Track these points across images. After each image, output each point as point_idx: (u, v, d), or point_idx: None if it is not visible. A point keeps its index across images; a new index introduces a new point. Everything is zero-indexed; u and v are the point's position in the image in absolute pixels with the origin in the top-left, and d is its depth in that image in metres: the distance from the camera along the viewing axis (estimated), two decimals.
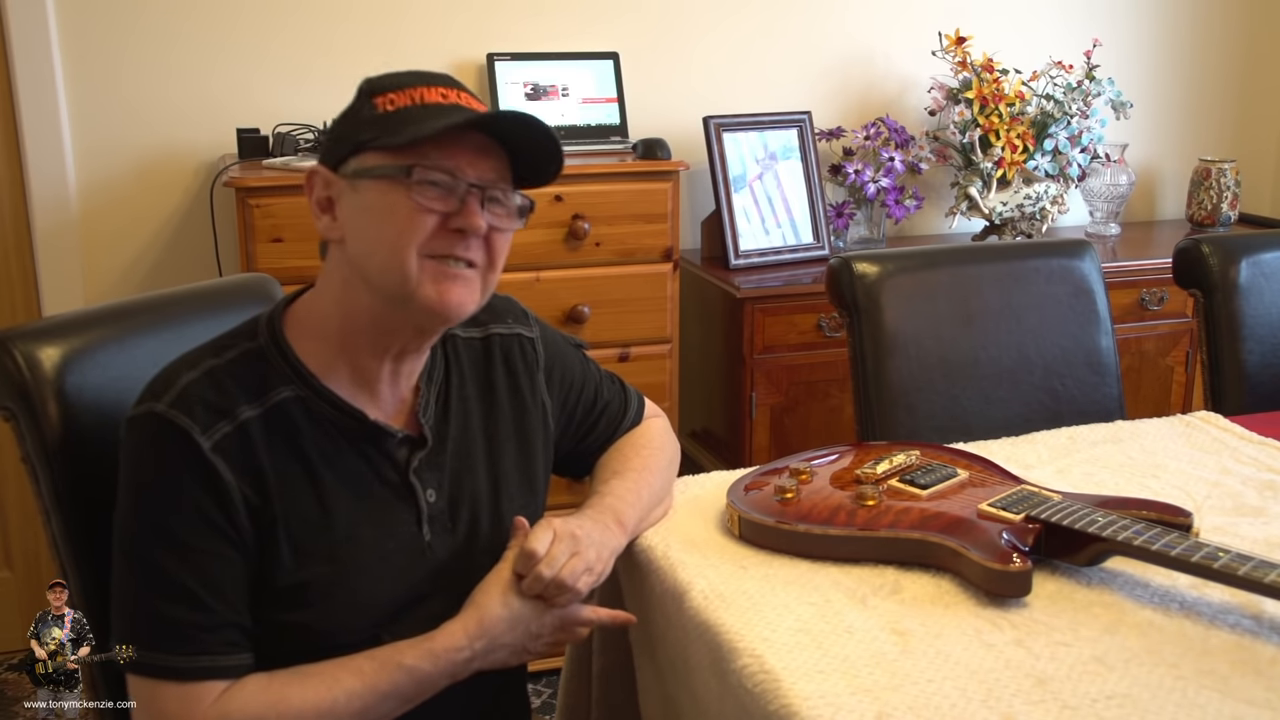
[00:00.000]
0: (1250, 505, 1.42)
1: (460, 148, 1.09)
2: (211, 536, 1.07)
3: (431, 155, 1.08)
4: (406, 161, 1.07)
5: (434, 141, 1.08)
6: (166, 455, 1.06)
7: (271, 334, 1.15)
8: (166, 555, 1.06)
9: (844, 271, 1.81)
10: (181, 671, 1.05)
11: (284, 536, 1.10)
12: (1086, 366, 1.93)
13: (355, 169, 1.10)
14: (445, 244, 1.09)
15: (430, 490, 1.18)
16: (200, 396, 1.08)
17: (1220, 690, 1.01)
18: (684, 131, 2.71)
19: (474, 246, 1.11)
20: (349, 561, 1.13)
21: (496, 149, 1.12)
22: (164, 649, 1.06)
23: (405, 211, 1.08)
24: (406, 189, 1.07)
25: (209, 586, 1.06)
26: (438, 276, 1.09)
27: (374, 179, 1.09)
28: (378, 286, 1.11)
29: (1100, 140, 2.94)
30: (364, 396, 1.16)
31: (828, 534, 1.25)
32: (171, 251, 2.55)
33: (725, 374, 2.65)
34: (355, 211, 1.11)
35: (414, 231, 1.08)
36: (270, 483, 1.09)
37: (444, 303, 1.10)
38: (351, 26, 2.56)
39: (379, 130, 1.09)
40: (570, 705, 1.45)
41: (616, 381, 1.43)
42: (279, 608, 1.10)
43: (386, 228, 1.09)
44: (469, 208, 1.09)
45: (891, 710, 0.99)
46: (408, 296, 1.09)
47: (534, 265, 2.35)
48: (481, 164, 1.10)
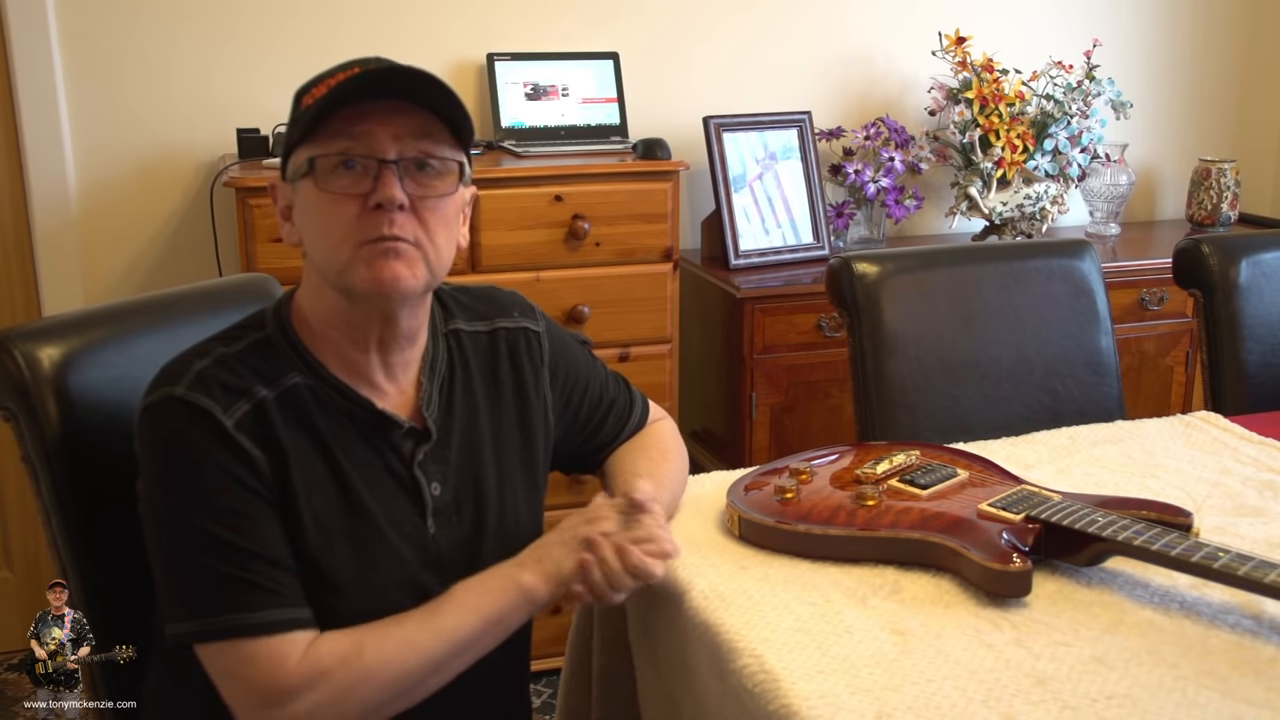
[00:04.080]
0: (1250, 505, 1.42)
1: (369, 121, 1.08)
2: (251, 500, 1.07)
3: (339, 140, 1.07)
4: (313, 153, 1.08)
5: (342, 123, 1.07)
6: (193, 434, 1.06)
7: (279, 324, 1.16)
8: (214, 524, 1.05)
9: (844, 271, 1.81)
10: (268, 625, 1.05)
11: (309, 512, 1.10)
12: (1086, 366, 1.93)
13: (290, 173, 1.12)
14: (371, 226, 1.08)
15: (435, 483, 1.19)
16: (217, 379, 1.09)
17: (1220, 690, 1.01)
18: (684, 131, 2.71)
19: (399, 221, 1.09)
20: (370, 543, 1.13)
21: (412, 108, 1.10)
22: (242, 609, 1.04)
23: (326, 203, 1.09)
24: (316, 181, 1.08)
25: (265, 544, 1.06)
26: (370, 258, 1.09)
27: (302, 178, 1.10)
28: (331, 283, 1.12)
29: (1100, 140, 2.94)
30: (365, 388, 1.17)
31: (828, 534, 1.25)
32: (171, 251, 2.55)
33: (725, 374, 2.65)
34: (300, 214, 1.13)
35: (337, 221, 1.08)
36: (292, 458, 1.09)
37: (378, 280, 1.09)
38: (351, 27, 2.56)
39: (298, 128, 1.10)
40: (570, 705, 1.45)
41: (621, 381, 1.43)
42: (308, 586, 1.10)
43: (316, 223, 1.10)
44: (382, 181, 1.08)
45: (891, 710, 0.99)
46: (348, 286, 1.10)
47: (534, 265, 2.35)
48: (397, 127, 1.08)
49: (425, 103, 1.10)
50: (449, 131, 1.12)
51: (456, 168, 1.13)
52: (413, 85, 1.09)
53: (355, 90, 1.07)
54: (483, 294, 1.31)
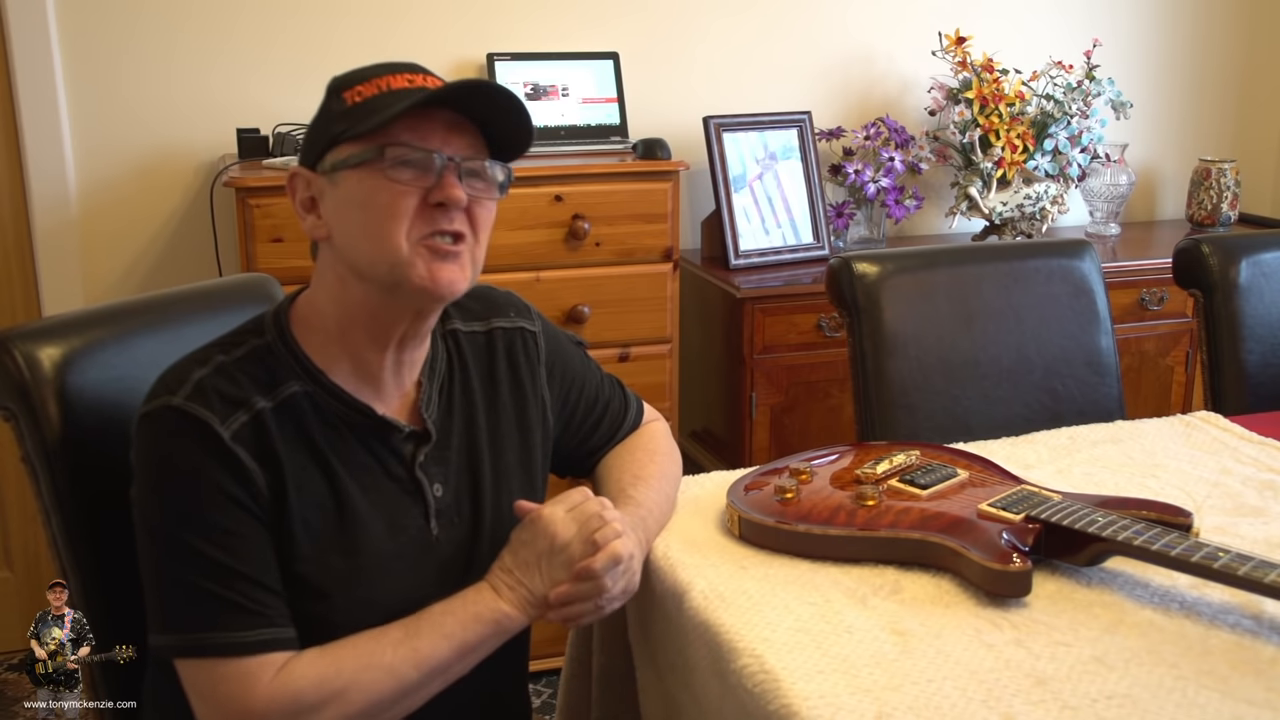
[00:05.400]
0: (1250, 505, 1.42)
1: (430, 127, 1.10)
2: (243, 517, 1.07)
3: (403, 138, 1.08)
4: (378, 144, 1.08)
5: (404, 124, 1.08)
6: (188, 446, 1.06)
7: (278, 330, 1.15)
8: (204, 541, 1.05)
9: (844, 271, 1.81)
10: (243, 645, 1.05)
11: (302, 526, 1.10)
12: (1086, 366, 1.93)
13: (332, 163, 1.11)
14: (429, 221, 1.09)
15: (437, 485, 1.19)
16: (215, 389, 1.09)
17: (1220, 690, 1.01)
18: (684, 131, 2.71)
19: (458, 219, 1.11)
20: (364, 554, 1.13)
21: (467, 125, 1.12)
22: (220, 628, 1.05)
23: (385, 195, 1.08)
24: (382, 171, 1.08)
25: (251, 564, 1.06)
26: (427, 257, 1.10)
27: (350, 169, 1.10)
28: (369, 276, 1.11)
29: (1100, 140, 2.94)
30: (368, 391, 1.16)
31: (828, 534, 1.25)
32: (171, 251, 2.55)
33: (725, 374, 2.65)
34: (337, 205, 1.12)
35: (396, 213, 1.08)
36: (288, 471, 1.09)
37: (436, 281, 1.10)
38: (351, 26, 2.56)
39: (349, 122, 1.10)
40: (570, 705, 1.45)
41: (616, 383, 1.44)
42: (298, 596, 1.10)
43: (369, 215, 1.09)
44: (446, 180, 1.09)
45: (891, 710, 0.99)
46: (399, 281, 1.10)
47: (534, 265, 2.35)
48: (454, 141, 1.11)
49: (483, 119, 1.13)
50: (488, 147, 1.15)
51: (506, 179, 1.16)
52: (491, 103, 1.11)
53: (444, 99, 1.09)
54: (478, 294, 1.31)
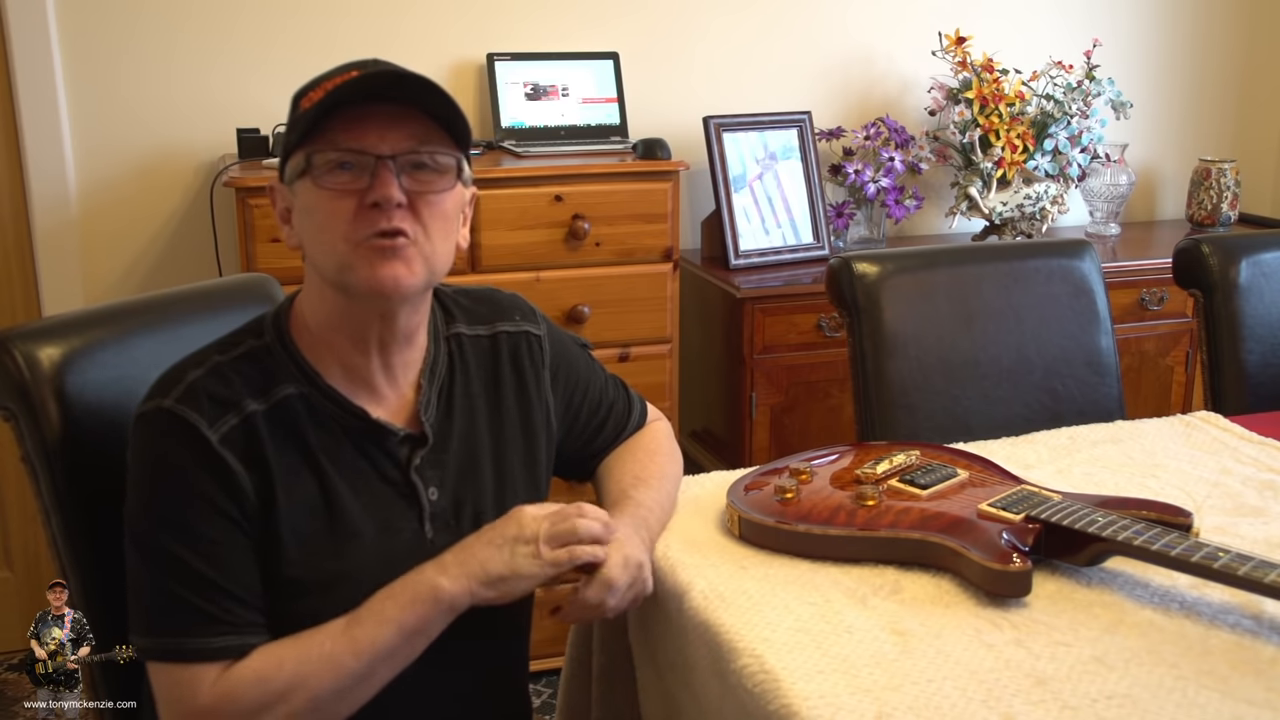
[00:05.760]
0: (1250, 505, 1.42)
1: (367, 125, 1.08)
2: (224, 525, 1.07)
3: (339, 140, 1.08)
4: (306, 152, 1.09)
5: (340, 125, 1.08)
6: (175, 449, 1.07)
7: (277, 332, 1.16)
8: (184, 549, 1.06)
9: (844, 271, 1.81)
10: (200, 652, 1.06)
11: (289, 530, 1.10)
12: (1086, 366, 1.93)
13: (288, 174, 1.13)
14: (367, 223, 1.08)
15: (432, 488, 1.18)
16: (206, 391, 1.09)
17: (1220, 690, 1.01)
18: (684, 131, 2.71)
19: (396, 216, 1.09)
20: (354, 558, 1.13)
21: (415, 116, 1.10)
22: (186, 634, 1.06)
23: (323, 201, 1.09)
24: (315, 179, 1.08)
25: (229, 574, 1.07)
26: (369, 257, 1.09)
27: (300, 178, 1.11)
28: (330, 282, 1.12)
29: (1100, 140, 2.94)
30: (363, 394, 1.16)
31: (828, 534, 1.25)
32: (171, 251, 2.55)
33: (725, 374, 2.65)
34: (299, 215, 1.13)
35: (335, 218, 1.08)
36: (276, 475, 1.10)
37: (379, 281, 1.09)
38: (351, 27, 2.56)
39: (296, 130, 1.10)
40: (570, 705, 1.45)
41: (620, 384, 1.43)
42: (285, 597, 1.10)
43: (314, 221, 1.10)
44: (379, 179, 1.08)
45: (891, 710, 0.99)
46: (347, 284, 1.10)
47: (534, 265, 2.35)
48: (393, 135, 1.09)
49: (422, 107, 1.10)
50: (447, 134, 1.12)
51: (453, 165, 1.13)
52: (408, 89, 1.09)
53: (352, 93, 1.08)
54: (483, 296, 1.31)
